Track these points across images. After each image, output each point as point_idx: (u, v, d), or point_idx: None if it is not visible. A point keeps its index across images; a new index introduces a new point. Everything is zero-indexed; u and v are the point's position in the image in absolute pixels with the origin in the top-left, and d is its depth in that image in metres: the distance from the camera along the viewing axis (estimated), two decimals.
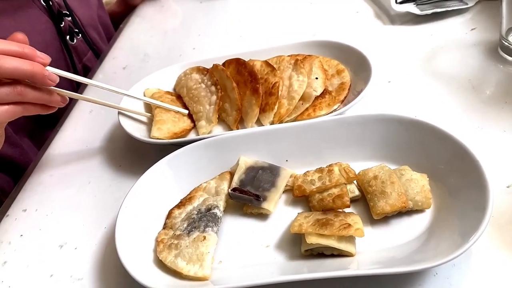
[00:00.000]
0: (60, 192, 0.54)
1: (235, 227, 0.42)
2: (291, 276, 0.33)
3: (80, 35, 0.77)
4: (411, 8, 0.67)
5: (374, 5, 0.75)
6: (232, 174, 0.45)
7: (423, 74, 0.57)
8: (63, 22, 0.72)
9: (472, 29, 0.62)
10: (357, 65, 0.54)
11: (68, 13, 0.75)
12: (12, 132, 0.66)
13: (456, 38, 0.61)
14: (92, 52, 0.81)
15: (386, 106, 0.53)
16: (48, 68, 0.44)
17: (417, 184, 0.39)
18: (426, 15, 0.66)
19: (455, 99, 0.52)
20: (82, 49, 0.78)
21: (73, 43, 0.74)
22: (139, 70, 0.73)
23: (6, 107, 0.42)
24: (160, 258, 0.37)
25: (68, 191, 0.53)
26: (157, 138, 0.50)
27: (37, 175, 0.57)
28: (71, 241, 0.46)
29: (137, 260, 0.37)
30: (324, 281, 0.36)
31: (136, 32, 0.88)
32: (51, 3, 0.70)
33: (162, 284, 0.35)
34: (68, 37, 0.73)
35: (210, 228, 0.38)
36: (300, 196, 0.42)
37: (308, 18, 0.76)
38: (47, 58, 0.44)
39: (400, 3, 0.69)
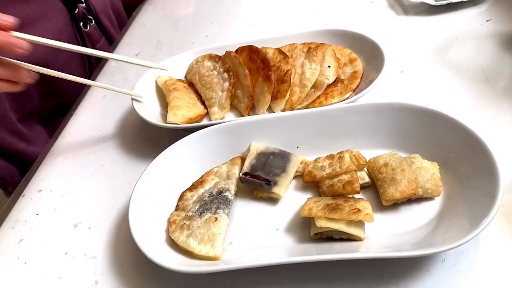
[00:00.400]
0: (74, 174, 0.55)
1: (245, 210, 0.43)
2: (300, 257, 0.34)
3: (93, 21, 0.77)
4: None
5: None
6: (243, 159, 0.45)
7: (436, 65, 0.57)
8: (77, 9, 0.73)
9: (487, 20, 0.61)
10: (370, 54, 0.54)
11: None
12: (15, 120, 0.66)
13: (471, 29, 0.61)
14: (105, 39, 0.82)
15: (398, 95, 0.53)
16: (17, 34, 0.38)
17: (427, 172, 0.39)
18: (441, 5, 0.65)
19: (468, 90, 0.51)
20: (95, 36, 0.79)
21: (86, 29, 0.75)
22: (152, 57, 0.74)
23: None
24: (172, 238, 0.38)
25: (82, 173, 0.55)
26: (173, 123, 0.51)
27: (52, 157, 0.59)
28: (85, 221, 0.48)
29: (150, 239, 0.38)
30: (332, 263, 0.36)
31: (149, 20, 0.88)
32: None
33: (175, 263, 0.36)
34: (81, 23, 0.74)
35: (222, 210, 0.39)
36: (310, 182, 0.42)
37: (322, 7, 0.75)
38: (11, 20, 0.38)
39: None
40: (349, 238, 0.37)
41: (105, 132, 0.60)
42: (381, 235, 0.38)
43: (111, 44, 0.83)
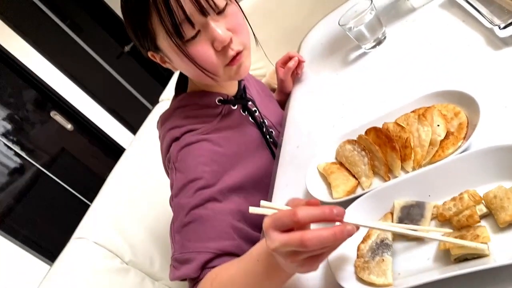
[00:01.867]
0: None
1: (404, 250, 0.62)
2: (446, 273, 0.51)
3: (273, 133, 1.10)
4: None
5: (485, 31, 0.84)
6: (392, 213, 0.65)
7: None
8: (264, 128, 1.05)
9: None
10: (469, 104, 0.68)
11: (264, 120, 1.08)
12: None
13: None
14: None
15: (504, 130, 0.65)
16: (347, 219, 0.52)
17: None
18: None
19: None
20: (275, 142, 1.10)
21: (271, 140, 1.07)
22: (308, 146, 1.00)
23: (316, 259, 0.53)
24: (360, 276, 0.60)
25: None
26: (338, 198, 0.75)
27: None
28: (303, 275, 0.73)
29: (346, 279, 0.61)
30: (474, 275, 0.52)
31: (297, 114, 1.17)
32: (256, 118, 1.04)
33: None
34: (268, 136, 1.06)
35: (386, 253, 0.60)
36: (443, 221, 0.59)
37: (427, 65, 0.90)
38: (342, 213, 0.52)
39: (504, 28, 0.78)
40: (479, 255, 0.52)
41: None
42: (507, 248, 0.52)
43: None
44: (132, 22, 0.78)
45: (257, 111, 1.06)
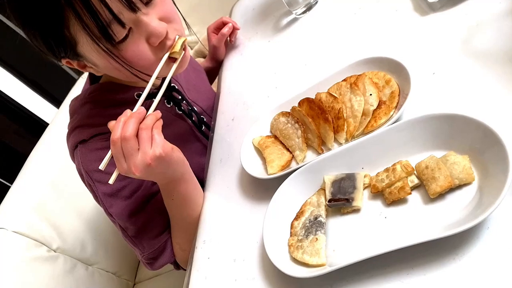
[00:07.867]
0: (216, 225, 0.78)
1: (339, 224, 0.60)
2: (378, 250, 0.50)
3: (205, 119, 1.01)
4: None
5: None
6: (324, 190, 0.63)
7: (463, 58, 0.65)
8: (194, 117, 0.97)
9: None
10: (399, 72, 0.66)
11: (194, 107, 0.99)
12: None
13: (490, 11, 0.68)
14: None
15: (433, 98, 0.64)
16: None
17: (459, 165, 0.51)
18: None
19: (494, 76, 0.60)
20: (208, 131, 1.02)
21: (202, 129, 1.00)
22: (244, 118, 0.94)
23: None
24: (293, 256, 0.58)
25: (221, 225, 0.77)
26: (273, 174, 0.71)
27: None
28: (239, 256, 0.70)
29: (281, 260, 0.58)
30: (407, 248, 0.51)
31: (231, 84, 1.11)
32: (183, 107, 0.94)
33: (299, 272, 0.55)
34: (200, 125, 0.99)
35: (319, 231, 0.57)
36: (375, 192, 0.58)
37: (356, 31, 0.88)
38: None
39: None
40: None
41: (232, 188, 0.83)
42: (437, 219, 0.51)
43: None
44: (41, 32, 0.64)
45: (184, 100, 0.98)
